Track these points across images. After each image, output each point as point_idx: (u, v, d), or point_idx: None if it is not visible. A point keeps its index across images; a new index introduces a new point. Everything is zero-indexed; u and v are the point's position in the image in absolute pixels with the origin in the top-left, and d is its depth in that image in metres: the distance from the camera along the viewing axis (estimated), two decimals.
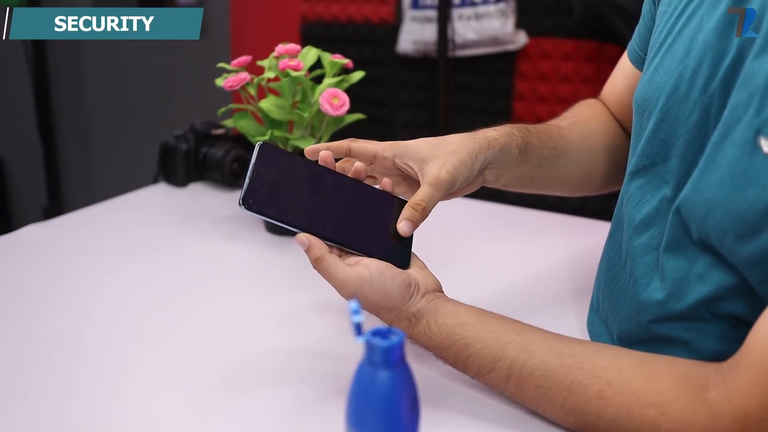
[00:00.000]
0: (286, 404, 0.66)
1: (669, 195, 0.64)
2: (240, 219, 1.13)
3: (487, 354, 0.62)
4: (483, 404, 0.66)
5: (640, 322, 0.66)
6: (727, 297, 0.58)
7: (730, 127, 0.56)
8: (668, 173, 0.65)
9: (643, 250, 0.66)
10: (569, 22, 1.82)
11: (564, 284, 0.91)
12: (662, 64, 0.67)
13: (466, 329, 0.63)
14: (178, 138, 1.27)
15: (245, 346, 0.75)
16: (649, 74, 0.68)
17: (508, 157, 0.74)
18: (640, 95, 0.70)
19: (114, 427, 0.62)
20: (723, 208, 0.56)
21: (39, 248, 1.00)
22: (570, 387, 0.59)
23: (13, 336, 0.76)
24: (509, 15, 1.84)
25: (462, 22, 1.86)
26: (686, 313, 0.61)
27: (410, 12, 1.94)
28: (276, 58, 1.02)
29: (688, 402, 0.55)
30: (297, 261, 0.98)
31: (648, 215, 0.66)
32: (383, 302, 0.63)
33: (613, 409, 0.57)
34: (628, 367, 0.59)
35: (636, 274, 0.66)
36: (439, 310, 0.65)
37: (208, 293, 0.88)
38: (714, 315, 0.60)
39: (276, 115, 0.99)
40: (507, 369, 0.62)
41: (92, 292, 0.87)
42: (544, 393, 0.60)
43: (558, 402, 0.60)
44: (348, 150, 0.70)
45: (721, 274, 0.58)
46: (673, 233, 0.62)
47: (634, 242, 0.67)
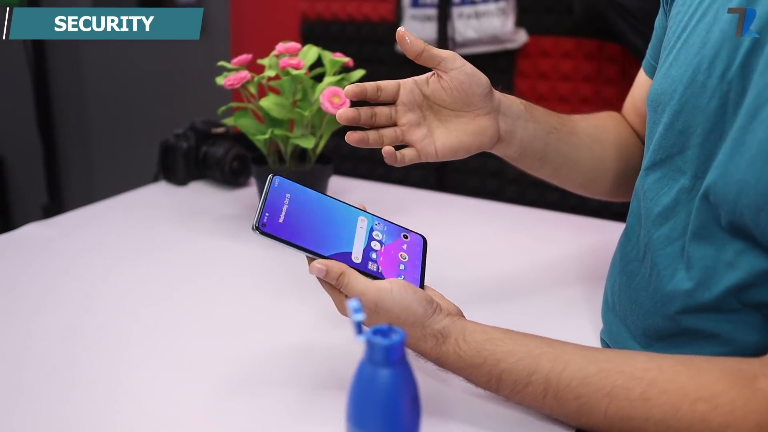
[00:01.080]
0: (286, 403, 0.66)
1: (687, 185, 0.65)
2: (240, 218, 1.13)
3: (522, 368, 0.60)
4: (483, 406, 0.66)
5: (666, 314, 0.65)
6: (758, 284, 0.58)
7: (758, 108, 0.56)
8: (686, 164, 0.65)
9: (664, 241, 0.66)
10: (569, 20, 1.82)
11: (572, 283, 0.91)
12: (677, 59, 0.67)
13: (497, 344, 0.61)
14: (178, 136, 1.27)
15: (245, 344, 0.75)
16: (664, 70, 0.69)
17: (515, 107, 0.76)
18: (654, 91, 0.71)
19: (113, 426, 0.62)
20: (757, 186, 0.55)
21: (39, 247, 1.00)
22: (611, 393, 0.57)
23: (13, 334, 0.77)
24: (509, 13, 1.84)
25: (462, 20, 1.86)
26: (715, 304, 0.60)
27: (410, 10, 1.94)
28: (276, 56, 1.02)
29: (738, 394, 0.53)
30: (297, 260, 0.97)
31: (667, 207, 0.66)
32: (404, 315, 0.62)
33: (659, 409, 0.55)
34: (670, 366, 0.57)
35: (659, 267, 0.66)
36: (466, 328, 0.63)
37: (208, 292, 0.88)
38: (744, 304, 0.59)
39: (276, 113, 0.99)
40: (543, 382, 0.59)
41: (92, 291, 0.87)
42: (585, 402, 0.58)
43: (601, 410, 0.57)
44: (377, 87, 0.72)
45: (751, 260, 0.57)
46: (700, 221, 0.62)
47: (654, 235, 0.67)
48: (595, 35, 1.79)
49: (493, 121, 0.74)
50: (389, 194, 1.23)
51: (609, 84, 1.81)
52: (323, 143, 1.04)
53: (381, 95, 0.72)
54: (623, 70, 1.78)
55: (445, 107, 0.73)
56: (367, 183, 1.34)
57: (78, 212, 1.14)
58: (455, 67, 0.72)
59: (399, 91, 0.73)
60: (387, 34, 2.03)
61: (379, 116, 0.73)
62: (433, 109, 0.74)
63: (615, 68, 1.79)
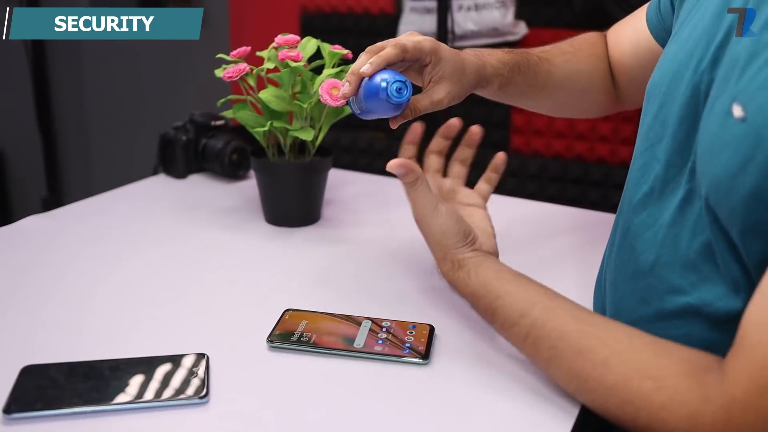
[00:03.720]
0: (287, 395, 0.66)
1: (661, 173, 0.67)
2: (240, 210, 1.13)
3: (515, 308, 0.67)
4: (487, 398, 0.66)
5: (640, 295, 0.67)
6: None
7: (714, 100, 0.59)
8: (660, 152, 0.67)
9: (642, 227, 0.68)
10: (569, 12, 1.81)
11: (571, 276, 0.92)
12: (668, 52, 0.70)
13: (502, 283, 0.69)
14: (177, 129, 1.27)
15: (246, 336, 0.76)
16: (659, 63, 0.72)
17: (489, 89, 0.84)
18: (649, 84, 0.73)
19: (114, 419, 0.62)
20: (705, 174, 0.58)
21: (38, 240, 1.00)
22: (581, 351, 0.61)
23: (13, 327, 0.77)
24: (509, 5, 1.84)
25: (462, 12, 1.86)
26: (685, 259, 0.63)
27: (410, 3, 1.93)
28: (275, 48, 1.02)
29: (684, 381, 0.55)
30: (297, 252, 0.98)
31: (645, 194, 0.68)
32: (438, 237, 0.74)
33: (613, 377, 0.58)
34: (641, 343, 0.60)
35: (636, 251, 0.68)
36: (482, 264, 0.72)
37: (208, 284, 0.88)
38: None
39: (275, 105, 0.98)
40: (528, 326, 0.65)
41: (92, 284, 0.87)
42: (556, 354, 0.62)
43: (566, 365, 0.62)
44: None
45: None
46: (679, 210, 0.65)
47: (634, 221, 0.69)
48: (594, 27, 1.79)
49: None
50: (388, 186, 1.22)
51: None
52: (322, 135, 1.04)
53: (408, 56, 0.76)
54: None
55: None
56: (366, 175, 1.34)
57: (77, 205, 1.14)
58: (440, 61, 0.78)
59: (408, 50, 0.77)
60: (386, 27, 2.03)
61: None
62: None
63: None
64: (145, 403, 0.63)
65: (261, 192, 1.07)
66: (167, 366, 0.68)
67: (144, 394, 0.64)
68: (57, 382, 0.65)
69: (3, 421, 0.61)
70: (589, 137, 1.91)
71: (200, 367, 0.68)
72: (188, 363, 0.68)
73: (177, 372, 0.67)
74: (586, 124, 1.87)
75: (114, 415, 0.62)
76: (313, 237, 1.03)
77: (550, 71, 0.90)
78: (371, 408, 0.64)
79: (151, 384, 0.65)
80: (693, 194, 0.63)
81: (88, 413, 0.62)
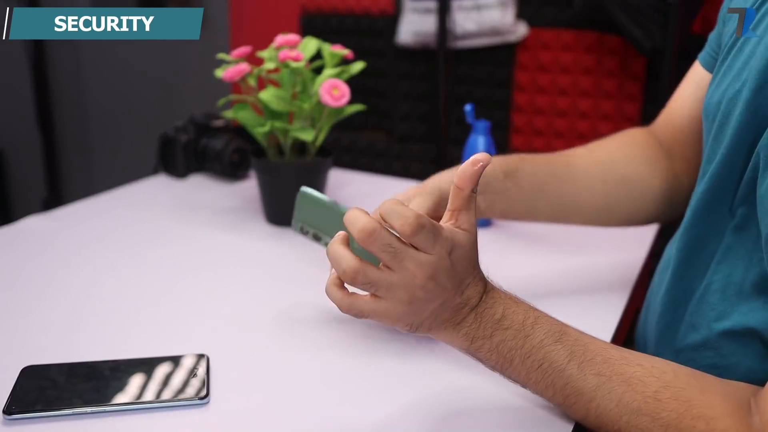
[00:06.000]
0: (287, 395, 0.66)
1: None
2: (240, 210, 1.13)
3: (554, 323, 0.59)
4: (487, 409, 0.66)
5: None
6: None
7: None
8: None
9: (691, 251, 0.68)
10: (569, 12, 1.81)
11: (587, 287, 0.91)
12: (731, 67, 0.65)
13: (533, 306, 0.62)
14: (177, 129, 1.27)
15: (245, 337, 0.75)
16: (718, 79, 0.67)
17: (492, 180, 0.75)
18: (706, 103, 0.69)
19: (114, 420, 0.62)
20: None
21: (39, 240, 1.00)
22: (629, 381, 0.56)
23: (12, 327, 0.77)
24: (509, 6, 1.84)
25: (462, 13, 1.86)
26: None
27: (410, 3, 1.93)
28: (276, 49, 1.02)
29: (733, 423, 0.54)
30: (297, 252, 0.98)
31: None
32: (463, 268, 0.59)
33: (667, 414, 0.55)
34: (684, 375, 0.57)
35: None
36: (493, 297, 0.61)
37: (208, 284, 0.88)
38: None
39: (276, 106, 0.98)
40: (571, 345, 0.58)
41: (92, 284, 0.87)
42: (605, 383, 0.57)
43: (616, 396, 0.56)
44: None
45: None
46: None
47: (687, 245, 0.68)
48: (595, 27, 1.79)
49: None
50: (389, 187, 1.22)
51: (609, 76, 1.81)
52: (323, 136, 1.04)
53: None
54: (623, 62, 1.78)
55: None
56: (366, 176, 1.34)
57: (77, 205, 1.14)
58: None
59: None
60: (387, 27, 2.03)
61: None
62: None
63: (615, 60, 1.79)
64: (146, 404, 0.63)
65: (261, 192, 1.07)
66: (167, 366, 0.68)
67: (144, 394, 0.64)
68: (57, 383, 0.65)
69: (3, 421, 0.60)
70: (589, 137, 1.90)
71: (200, 368, 0.67)
72: (188, 363, 0.68)
73: (177, 372, 0.67)
74: (586, 125, 1.87)
75: (114, 416, 0.62)
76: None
77: (568, 161, 0.82)
78: (377, 407, 0.64)
79: (152, 385, 0.65)
80: (749, 221, 0.61)
81: (89, 414, 0.62)
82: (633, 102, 1.79)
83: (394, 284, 0.54)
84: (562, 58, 1.84)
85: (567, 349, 0.58)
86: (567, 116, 1.88)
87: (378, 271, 0.54)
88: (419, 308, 0.56)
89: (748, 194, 0.61)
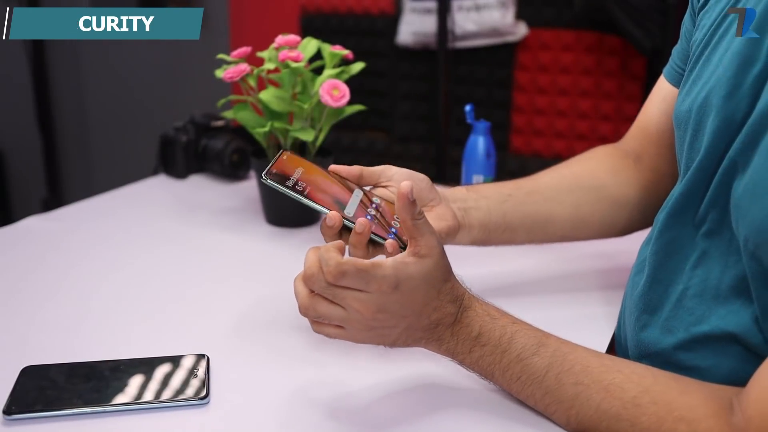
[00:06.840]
0: (287, 395, 0.66)
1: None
2: (240, 211, 1.13)
3: (532, 336, 0.61)
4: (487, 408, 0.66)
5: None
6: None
7: (757, 135, 0.56)
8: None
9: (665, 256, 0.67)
10: (569, 12, 1.81)
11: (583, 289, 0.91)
12: (700, 75, 0.66)
13: (511, 316, 0.64)
14: (177, 130, 1.27)
15: (245, 337, 0.75)
16: (688, 86, 0.68)
17: (459, 193, 0.79)
18: (677, 111, 0.69)
19: (114, 420, 0.62)
20: (745, 215, 0.56)
21: (39, 240, 1.00)
22: (608, 388, 0.57)
23: (13, 328, 0.77)
24: (509, 6, 1.84)
25: (462, 13, 1.86)
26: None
27: (410, 3, 1.93)
28: (276, 49, 1.02)
29: (715, 423, 0.54)
30: (296, 252, 0.97)
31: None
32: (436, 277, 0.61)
33: (647, 418, 0.55)
34: (664, 378, 0.58)
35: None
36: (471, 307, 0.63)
37: (208, 285, 0.88)
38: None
39: (276, 106, 0.98)
40: (549, 356, 0.60)
41: (92, 284, 0.87)
42: (583, 391, 0.58)
43: (594, 403, 0.58)
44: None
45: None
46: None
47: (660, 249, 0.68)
48: (595, 27, 1.79)
49: (446, 209, 0.76)
50: None
51: (609, 76, 1.81)
52: (323, 136, 1.04)
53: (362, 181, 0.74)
54: (623, 63, 1.78)
55: None
56: None
57: (77, 205, 1.14)
58: (393, 175, 0.74)
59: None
60: (386, 27, 2.03)
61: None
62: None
63: (615, 61, 1.79)
64: (146, 404, 0.63)
65: (261, 193, 1.07)
66: (167, 367, 0.68)
67: (144, 395, 0.64)
68: (57, 383, 0.65)
69: (3, 421, 0.60)
70: (589, 137, 1.90)
71: (200, 368, 0.67)
72: (188, 364, 0.68)
73: (177, 373, 0.67)
74: (586, 125, 1.87)
75: (114, 416, 0.62)
76: (313, 237, 1.03)
77: (531, 177, 0.85)
78: (378, 407, 0.64)
79: (152, 385, 0.65)
80: (722, 225, 0.61)
81: (88, 414, 0.62)
82: (633, 102, 1.79)
83: (345, 318, 0.58)
84: (562, 59, 1.84)
85: (545, 360, 0.60)
86: (567, 116, 1.88)
87: (328, 307, 0.58)
88: (382, 333, 0.60)
89: (718, 198, 0.61)
